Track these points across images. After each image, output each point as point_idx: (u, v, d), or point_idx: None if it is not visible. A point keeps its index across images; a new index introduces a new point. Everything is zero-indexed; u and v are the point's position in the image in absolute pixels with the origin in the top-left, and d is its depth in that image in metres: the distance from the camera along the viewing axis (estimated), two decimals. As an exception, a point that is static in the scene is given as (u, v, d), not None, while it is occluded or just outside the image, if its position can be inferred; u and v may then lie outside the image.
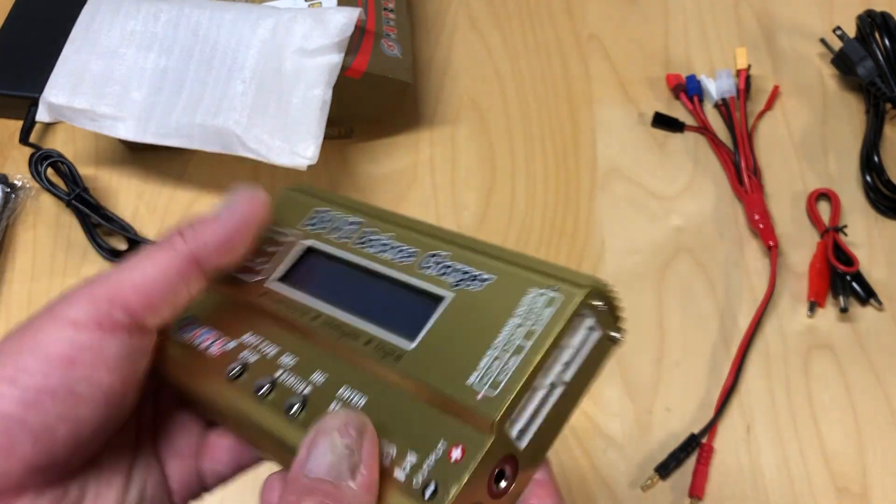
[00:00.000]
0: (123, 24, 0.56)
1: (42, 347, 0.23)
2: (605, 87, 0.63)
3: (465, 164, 0.60)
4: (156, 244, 0.26)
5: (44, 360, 0.23)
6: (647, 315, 0.54)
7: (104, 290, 0.24)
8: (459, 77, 0.64)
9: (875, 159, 0.57)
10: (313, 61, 0.52)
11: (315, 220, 0.28)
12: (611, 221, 0.57)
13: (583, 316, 0.24)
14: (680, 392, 0.51)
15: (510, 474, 0.23)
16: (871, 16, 0.59)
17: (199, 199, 0.59)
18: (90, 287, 0.25)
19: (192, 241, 0.26)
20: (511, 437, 0.23)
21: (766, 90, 0.62)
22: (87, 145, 0.61)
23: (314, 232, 0.28)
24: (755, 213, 0.56)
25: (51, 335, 0.24)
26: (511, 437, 0.23)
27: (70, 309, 0.24)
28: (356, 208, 0.28)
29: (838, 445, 0.49)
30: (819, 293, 0.53)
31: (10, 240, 0.57)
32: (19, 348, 0.24)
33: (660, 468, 0.48)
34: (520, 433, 0.23)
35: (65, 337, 0.23)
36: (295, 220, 0.29)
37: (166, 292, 0.25)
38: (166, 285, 0.25)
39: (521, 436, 0.23)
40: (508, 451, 0.23)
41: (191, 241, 0.26)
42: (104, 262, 0.56)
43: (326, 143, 0.51)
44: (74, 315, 0.24)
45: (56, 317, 0.24)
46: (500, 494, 0.23)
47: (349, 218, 0.28)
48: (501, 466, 0.22)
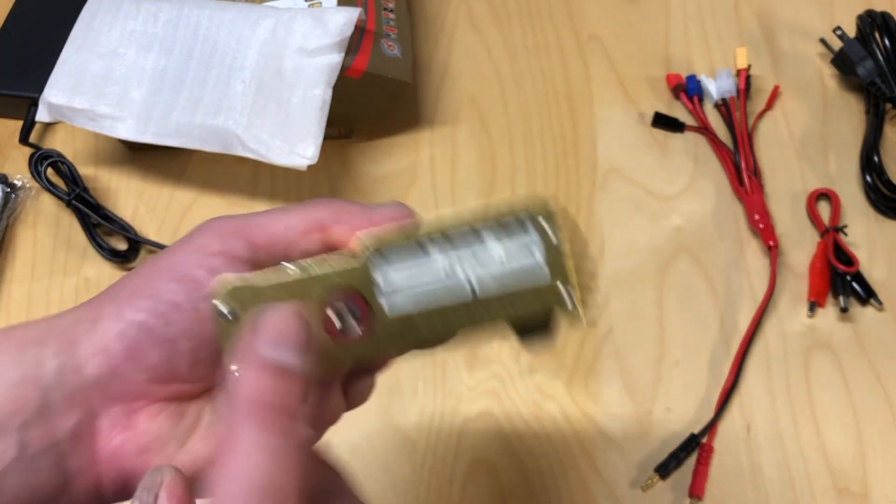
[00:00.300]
0: (123, 24, 0.56)
1: (174, 268, 0.26)
2: (605, 87, 0.63)
3: (465, 164, 0.60)
4: (300, 203, 0.28)
5: (174, 279, 0.26)
6: (647, 315, 0.53)
7: (235, 225, 0.27)
8: (459, 77, 0.64)
9: (875, 159, 0.57)
10: (313, 61, 0.52)
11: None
12: (611, 221, 0.57)
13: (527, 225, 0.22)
14: (680, 392, 0.51)
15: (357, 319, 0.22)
16: (871, 16, 0.59)
17: (199, 199, 0.59)
18: (223, 222, 0.27)
19: (331, 211, 0.28)
20: (375, 280, 0.22)
21: (766, 90, 0.62)
22: (86, 145, 0.61)
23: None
24: (755, 213, 0.56)
25: (182, 258, 0.26)
26: (375, 280, 0.22)
27: (202, 238, 0.27)
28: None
29: (838, 445, 0.49)
30: (819, 293, 0.53)
31: (10, 240, 0.57)
32: (153, 269, 0.26)
33: (660, 468, 0.48)
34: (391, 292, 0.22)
35: (194, 260, 0.26)
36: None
37: (286, 243, 0.27)
38: (288, 237, 0.27)
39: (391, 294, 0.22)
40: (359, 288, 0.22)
41: (330, 211, 0.28)
42: (104, 262, 0.56)
43: (326, 142, 0.51)
44: (205, 243, 0.27)
45: (188, 244, 0.27)
46: (338, 335, 0.22)
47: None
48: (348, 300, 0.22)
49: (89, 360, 0.25)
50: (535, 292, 0.22)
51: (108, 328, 0.25)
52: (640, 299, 0.54)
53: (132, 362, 0.25)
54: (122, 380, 0.25)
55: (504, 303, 0.23)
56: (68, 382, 0.25)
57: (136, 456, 0.26)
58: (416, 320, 0.23)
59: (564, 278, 0.22)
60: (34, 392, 0.24)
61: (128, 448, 0.26)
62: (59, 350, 0.25)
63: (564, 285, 0.22)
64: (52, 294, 0.55)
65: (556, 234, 0.22)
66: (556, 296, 0.22)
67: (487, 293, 0.22)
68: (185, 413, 0.27)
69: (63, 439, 0.25)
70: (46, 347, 0.25)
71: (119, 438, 0.26)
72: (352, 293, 0.23)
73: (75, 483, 0.25)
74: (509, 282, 0.22)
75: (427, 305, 0.23)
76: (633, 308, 0.54)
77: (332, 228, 0.28)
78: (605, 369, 0.52)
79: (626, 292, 0.54)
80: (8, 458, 0.24)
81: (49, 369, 0.25)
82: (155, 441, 0.26)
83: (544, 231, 0.22)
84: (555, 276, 0.22)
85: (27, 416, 0.24)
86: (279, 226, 0.27)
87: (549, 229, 0.22)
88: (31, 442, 0.24)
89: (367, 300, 0.23)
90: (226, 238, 0.27)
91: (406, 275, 0.22)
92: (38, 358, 0.25)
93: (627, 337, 0.53)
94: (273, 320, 0.22)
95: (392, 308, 0.23)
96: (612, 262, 0.56)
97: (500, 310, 0.23)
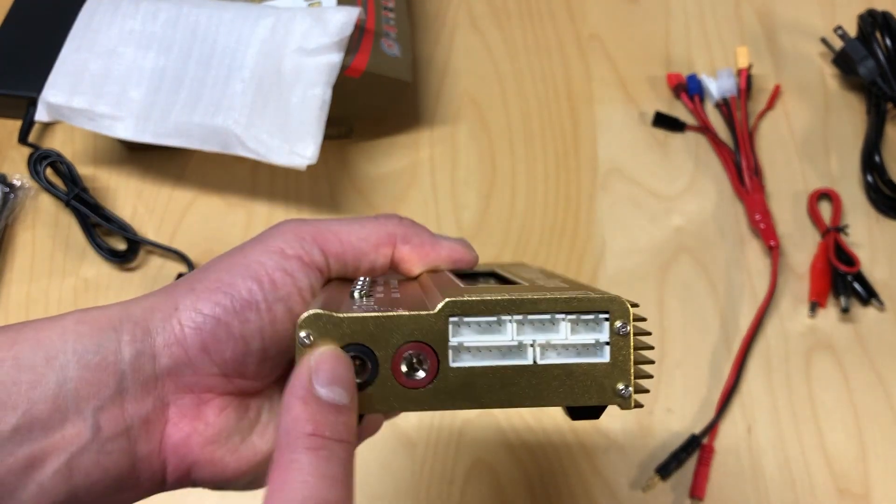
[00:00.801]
0: (122, 24, 0.56)
1: (251, 267, 0.27)
2: (606, 86, 0.63)
3: (465, 164, 0.60)
4: (375, 215, 0.30)
5: (252, 278, 0.26)
6: (648, 315, 0.53)
7: (310, 230, 0.28)
8: (459, 77, 0.64)
9: (876, 159, 0.57)
10: (313, 60, 0.52)
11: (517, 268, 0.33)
12: (611, 221, 0.57)
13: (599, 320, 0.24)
14: (681, 392, 0.51)
15: (427, 370, 0.24)
16: (872, 15, 0.59)
17: (198, 199, 0.59)
18: (298, 225, 0.28)
19: (402, 230, 0.30)
20: (448, 334, 0.24)
21: (767, 90, 0.62)
22: (85, 145, 0.61)
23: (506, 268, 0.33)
24: (756, 212, 0.56)
25: (259, 258, 0.27)
26: (448, 334, 0.24)
27: (278, 240, 0.28)
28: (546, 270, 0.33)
29: (840, 446, 0.49)
30: (820, 293, 0.53)
31: (9, 240, 0.57)
32: (230, 265, 0.27)
33: (661, 469, 0.48)
34: (460, 348, 0.24)
35: (271, 261, 0.27)
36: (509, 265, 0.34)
37: (358, 253, 0.29)
38: (361, 248, 0.29)
39: (459, 354, 0.24)
40: (431, 340, 0.24)
41: (401, 229, 0.30)
42: (103, 262, 0.56)
43: (326, 142, 0.51)
44: (282, 245, 0.27)
45: (265, 244, 0.27)
46: (408, 384, 0.24)
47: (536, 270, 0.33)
48: (419, 350, 0.24)
49: (165, 349, 0.26)
50: (595, 387, 0.24)
51: (186, 320, 0.26)
52: (641, 299, 0.54)
53: (206, 356, 0.26)
54: (195, 372, 0.26)
55: (565, 391, 0.24)
56: (143, 370, 0.26)
57: (202, 447, 0.27)
58: (477, 383, 0.24)
59: (626, 378, 0.24)
60: (111, 377, 0.25)
61: (195, 438, 0.27)
62: (134, 338, 0.26)
63: (626, 385, 0.24)
64: (50, 294, 0.55)
65: (624, 335, 0.24)
66: (614, 395, 0.24)
67: (548, 366, 0.24)
68: (248, 408, 0.28)
69: (135, 425, 0.26)
70: (123, 334, 0.26)
71: (188, 428, 0.27)
72: (424, 346, 0.24)
73: (142, 468, 0.26)
74: (573, 369, 0.24)
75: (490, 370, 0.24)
76: (634, 308, 0.54)
77: (399, 247, 0.29)
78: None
79: (627, 292, 0.54)
80: (83, 440, 0.25)
81: (125, 356, 0.25)
82: (221, 433, 0.27)
83: (615, 331, 0.24)
84: (617, 374, 0.24)
85: (103, 400, 0.25)
86: (353, 236, 0.29)
87: (620, 330, 0.24)
88: (104, 425, 0.25)
89: (438, 355, 0.24)
90: (303, 243, 0.28)
91: (479, 340, 0.24)
92: (116, 344, 0.25)
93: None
94: (326, 362, 0.24)
95: (458, 365, 0.24)
96: (612, 262, 0.55)
97: (557, 397, 0.24)
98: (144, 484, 0.26)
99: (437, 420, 0.50)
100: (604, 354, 0.24)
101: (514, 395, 0.24)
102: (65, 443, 0.24)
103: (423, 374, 0.24)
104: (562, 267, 0.55)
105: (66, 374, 0.25)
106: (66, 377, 0.24)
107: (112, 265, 0.56)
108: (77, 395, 0.25)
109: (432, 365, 0.24)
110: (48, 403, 0.24)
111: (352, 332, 0.24)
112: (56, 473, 0.24)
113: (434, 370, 0.24)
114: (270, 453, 0.27)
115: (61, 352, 0.25)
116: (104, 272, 0.56)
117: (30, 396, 0.24)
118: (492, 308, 0.24)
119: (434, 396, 0.24)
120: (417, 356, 0.24)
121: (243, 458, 0.28)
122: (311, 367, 0.24)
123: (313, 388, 0.23)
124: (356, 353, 0.24)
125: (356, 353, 0.24)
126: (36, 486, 0.24)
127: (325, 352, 0.24)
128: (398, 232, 0.29)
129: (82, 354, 0.25)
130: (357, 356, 0.24)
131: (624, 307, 0.24)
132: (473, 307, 0.24)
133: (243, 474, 0.28)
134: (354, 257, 0.29)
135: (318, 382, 0.23)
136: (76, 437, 0.24)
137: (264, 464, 0.28)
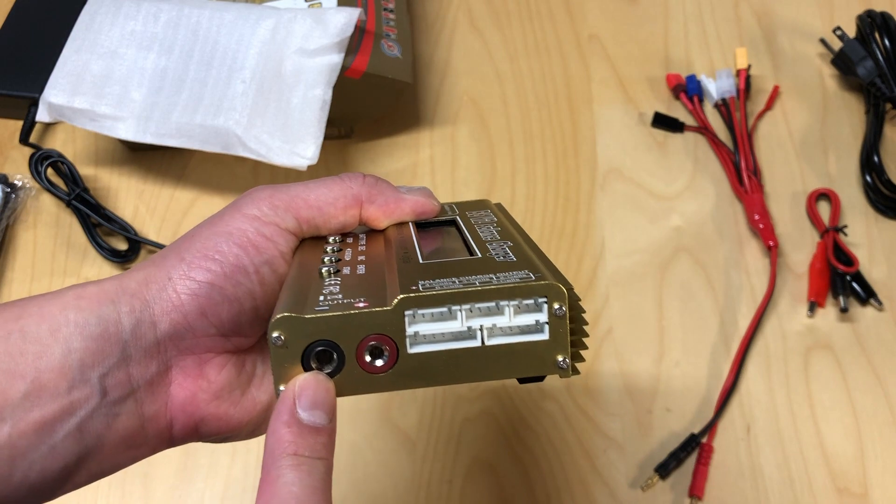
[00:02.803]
0: (123, 25, 0.56)
1: (234, 234, 0.29)
2: (605, 87, 0.63)
3: (465, 164, 0.60)
4: (340, 176, 0.31)
5: (236, 244, 0.28)
6: (648, 315, 0.54)
7: (283, 198, 0.30)
8: (459, 77, 0.64)
9: (875, 159, 0.57)
10: (313, 61, 0.52)
11: (477, 215, 0.35)
12: (611, 221, 0.57)
13: (539, 303, 0.26)
14: (680, 392, 0.51)
15: (387, 357, 0.26)
16: (871, 16, 0.59)
17: (199, 199, 0.59)
18: (271, 194, 0.30)
19: (367, 189, 0.31)
20: (404, 326, 0.26)
21: (766, 90, 0.62)
22: (87, 145, 0.61)
23: (467, 217, 0.35)
24: (755, 213, 0.56)
25: (240, 225, 0.29)
26: (404, 326, 0.26)
27: (254, 207, 0.29)
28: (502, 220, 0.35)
29: (838, 445, 0.49)
30: (819, 293, 0.53)
31: (10, 240, 0.57)
32: (213, 233, 0.29)
33: (660, 468, 0.48)
34: (415, 336, 0.26)
35: (251, 227, 0.29)
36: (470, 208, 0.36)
37: (327, 217, 0.31)
38: (330, 212, 0.31)
39: (415, 342, 0.26)
40: (389, 332, 0.26)
41: (365, 189, 0.31)
42: (104, 262, 0.56)
43: (326, 143, 0.51)
44: (258, 212, 0.29)
45: (242, 212, 0.29)
46: (371, 371, 0.27)
47: (493, 218, 0.34)
48: (379, 341, 0.26)
49: (164, 317, 0.28)
50: (537, 361, 0.27)
51: (182, 288, 0.28)
52: (640, 299, 0.54)
53: (204, 319, 0.28)
54: (194, 334, 0.28)
55: (509, 365, 0.27)
56: (145, 337, 0.28)
57: (208, 403, 0.29)
58: (433, 365, 0.27)
59: (565, 351, 0.27)
60: (114, 345, 0.27)
61: (200, 396, 0.29)
62: (132, 309, 0.28)
63: (564, 357, 0.27)
64: (52, 294, 0.55)
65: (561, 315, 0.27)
66: (555, 366, 0.27)
67: (495, 346, 0.27)
68: (244, 364, 0.30)
69: (140, 387, 0.28)
70: (121, 305, 0.27)
71: (192, 387, 0.29)
72: (384, 337, 0.26)
73: (150, 427, 0.28)
74: (517, 347, 0.27)
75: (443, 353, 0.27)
76: (633, 308, 0.54)
77: (366, 207, 0.31)
78: (605, 369, 0.52)
79: (626, 292, 0.54)
80: (92, 404, 0.26)
81: (125, 326, 0.27)
82: (224, 389, 0.29)
83: (553, 312, 0.27)
84: (556, 348, 0.27)
85: (108, 367, 0.27)
86: (321, 201, 0.30)
87: (557, 312, 0.26)
88: (111, 390, 0.27)
89: (397, 344, 0.27)
90: (277, 210, 0.30)
91: (432, 328, 0.27)
92: (115, 316, 0.27)
93: (627, 337, 0.53)
94: (308, 388, 0.26)
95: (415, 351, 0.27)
96: (612, 262, 0.56)
97: (506, 372, 0.27)
98: (152, 441, 0.28)
99: (437, 420, 0.50)
100: (544, 333, 0.27)
101: (465, 372, 0.27)
102: (73, 407, 0.26)
103: (383, 362, 0.27)
104: (561, 267, 0.56)
105: (71, 344, 0.26)
106: (70, 348, 0.26)
107: (113, 265, 0.56)
108: (82, 363, 0.26)
109: (392, 352, 0.26)
110: (55, 372, 0.26)
111: (318, 331, 0.26)
112: (67, 436, 0.26)
113: (394, 357, 0.27)
114: (269, 402, 0.30)
115: (63, 324, 0.26)
116: (105, 272, 0.56)
117: (37, 366, 0.26)
118: (442, 301, 0.26)
119: (395, 379, 0.27)
120: (378, 346, 0.26)
121: (245, 409, 0.30)
122: (294, 393, 0.26)
123: (296, 412, 0.25)
124: (324, 347, 0.26)
125: (324, 347, 0.26)
126: (47, 447, 0.26)
127: (307, 379, 0.26)
128: (363, 192, 0.31)
129: (84, 326, 0.27)
130: (325, 349, 0.26)
131: (560, 292, 0.26)
132: (426, 301, 0.26)
133: (246, 424, 0.30)
134: (324, 220, 0.31)
135: (301, 407, 0.26)
136: (84, 401, 0.26)
137: (264, 412, 0.30)
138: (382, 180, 0.32)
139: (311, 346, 0.26)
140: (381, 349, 0.26)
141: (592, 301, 0.54)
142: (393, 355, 0.27)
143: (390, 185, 0.32)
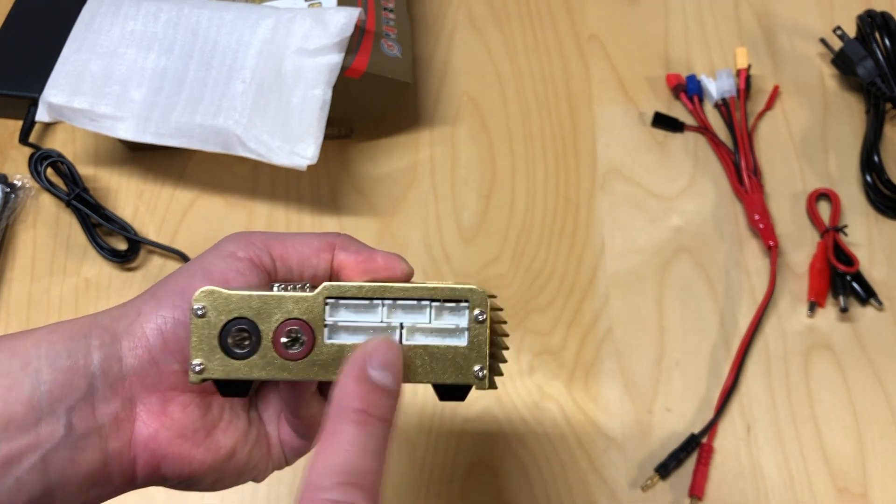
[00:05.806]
0: (123, 24, 0.56)
1: (207, 270, 0.30)
2: (605, 87, 0.63)
3: (465, 164, 0.60)
4: (316, 232, 0.33)
5: (207, 279, 0.29)
6: (647, 315, 0.53)
7: (260, 237, 0.31)
8: (459, 77, 0.64)
9: (875, 159, 0.57)
10: (313, 61, 0.52)
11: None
12: (611, 221, 0.57)
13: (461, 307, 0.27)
14: (680, 392, 0.51)
15: (304, 344, 0.27)
16: (871, 16, 0.59)
17: (199, 199, 0.59)
18: (250, 234, 0.31)
19: (342, 239, 0.32)
20: (324, 314, 0.27)
21: (766, 90, 0.62)
22: (86, 145, 0.61)
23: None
24: (755, 212, 0.56)
25: (213, 261, 0.30)
26: (324, 314, 0.27)
27: (230, 245, 0.30)
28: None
29: (838, 445, 0.49)
30: (819, 293, 0.53)
31: (10, 240, 0.57)
32: (188, 270, 0.30)
33: (660, 468, 0.48)
34: (334, 326, 0.27)
35: (224, 263, 0.30)
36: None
37: (301, 257, 0.31)
38: (304, 253, 0.31)
39: (333, 331, 0.27)
40: (309, 318, 0.27)
41: (340, 239, 0.32)
42: (104, 262, 0.56)
43: (326, 142, 0.51)
44: (233, 249, 0.30)
45: (218, 250, 0.30)
46: (286, 356, 0.27)
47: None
48: (297, 327, 0.27)
49: (130, 352, 0.28)
50: (454, 367, 0.27)
51: (148, 323, 0.29)
52: (640, 299, 0.54)
53: (167, 354, 0.29)
54: (158, 369, 0.29)
55: (427, 370, 0.27)
56: (111, 372, 0.28)
57: (170, 440, 0.29)
58: (348, 353, 0.27)
59: (482, 360, 0.27)
60: (82, 379, 0.28)
61: (163, 433, 0.29)
62: (103, 342, 0.28)
63: (481, 367, 0.27)
64: (51, 294, 0.55)
65: (482, 322, 0.27)
66: (472, 376, 0.27)
67: (413, 346, 0.27)
68: (210, 406, 0.30)
69: (105, 423, 0.28)
70: (92, 339, 0.28)
71: (156, 424, 0.29)
72: (303, 323, 0.27)
73: (113, 464, 0.28)
74: (435, 350, 0.27)
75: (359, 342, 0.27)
76: (633, 308, 0.54)
77: (338, 253, 0.32)
78: (605, 369, 0.52)
79: (626, 292, 0.54)
80: (57, 437, 0.27)
81: (94, 359, 0.28)
82: (187, 428, 0.29)
83: (473, 318, 0.27)
84: (475, 357, 0.27)
85: (75, 401, 0.27)
86: (297, 242, 0.31)
87: (478, 318, 0.27)
88: (77, 424, 0.27)
89: (314, 332, 0.27)
90: (251, 246, 0.30)
91: (350, 317, 0.27)
92: (86, 349, 0.28)
93: (627, 337, 0.53)
94: (380, 348, 0.27)
95: (331, 342, 0.27)
96: (611, 262, 0.56)
97: (423, 375, 0.28)
98: (115, 480, 0.29)
99: (437, 420, 0.50)
100: (463, 339, 0.27)
101: None
102: (40, 440, 0.26)
103: (299, 348, 0.27)
104: (561, 267, 0.56)
105: (40, 377, 0.27)
106: (39, 380, 0.27)
107: (113, 265, 0.56)
108: (51, 396, 0.27)
109: (309, 340, 0.27)
110: (23, 405, 0.26)
111: (238, 308, 0.27)
112: (32, 468, 0.26)
113: (310, 345, 0.27)
114: (233, 449, 0.30)
115: (35, 358, 0.27)
116: (105, 272, 0.56)
117: (6, 399, 0.26)
118: (364, 292, 0.27)
119: (308, 368, 0.27)
120: (296, 332, 0.27)
121: (209, 451, 0.30)
122: (366, 352, 0.26)
123: (366, 370, 0.26)
124: (242, 326, 0.27)
125: (242, 326, 0.27)
126: (13, 480, 0.26)
127: (380, 340, 0.27)
128: (337, 241, 0.32)
129: (54, 359, 0.27)
130: (243, 328, 0.27)
131: (482, 297, 0.27)
132: (348, 291, 0.27)
133: (209, 469, 0.30)
134: (298, 261, 0.31)
135: (371, 366, 0.26)
136: (50, 435, 0.27)
137: (228, 460, 0.30)
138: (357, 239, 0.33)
139: (231, 322, 0.27)
140: (298, 336, 0.27)
141: (592, 301, 0.54)
142: (309, 343, 0.27)
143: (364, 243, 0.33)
